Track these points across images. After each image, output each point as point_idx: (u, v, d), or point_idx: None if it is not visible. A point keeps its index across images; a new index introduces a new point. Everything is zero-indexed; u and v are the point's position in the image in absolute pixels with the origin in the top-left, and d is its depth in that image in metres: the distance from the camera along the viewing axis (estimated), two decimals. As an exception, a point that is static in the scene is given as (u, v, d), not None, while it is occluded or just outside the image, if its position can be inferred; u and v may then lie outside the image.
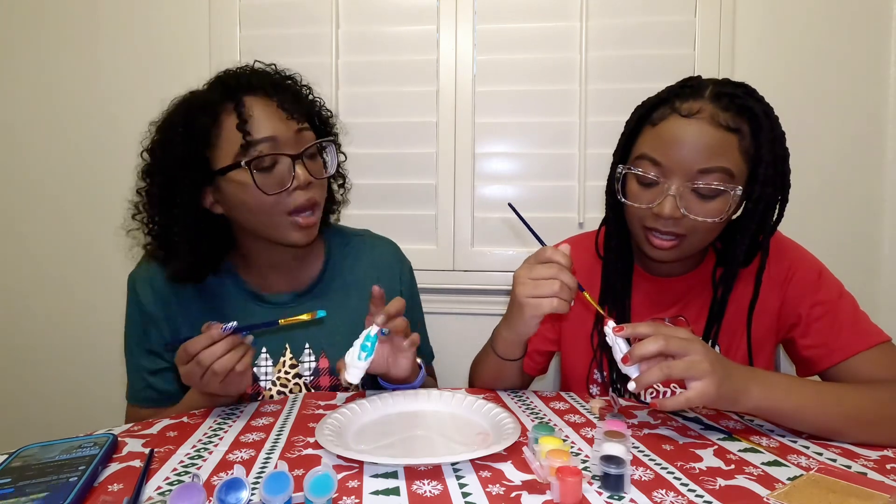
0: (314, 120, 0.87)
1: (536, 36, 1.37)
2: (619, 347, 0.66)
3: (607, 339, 0.68)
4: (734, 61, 1.32)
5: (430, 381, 1.01)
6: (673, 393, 0.85)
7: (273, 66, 0.87)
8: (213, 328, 0.68)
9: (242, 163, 0.75)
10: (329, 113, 0.92)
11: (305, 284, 0.91)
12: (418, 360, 0.83)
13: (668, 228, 0.76)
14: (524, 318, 0.74)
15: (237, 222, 0.84)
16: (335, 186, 0.97)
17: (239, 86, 0.78)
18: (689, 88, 0.76)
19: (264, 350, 0.87)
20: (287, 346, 0.88)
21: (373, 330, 0.72)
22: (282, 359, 0.87)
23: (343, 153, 0.95)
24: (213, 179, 0.79)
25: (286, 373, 0.87)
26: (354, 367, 0.71)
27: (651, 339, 0.63)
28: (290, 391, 0.87)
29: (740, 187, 0.74)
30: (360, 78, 1.42)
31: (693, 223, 0.75)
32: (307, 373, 0.88)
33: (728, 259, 0.81)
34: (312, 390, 0.87)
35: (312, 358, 0.88)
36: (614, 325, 0.67)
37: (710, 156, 0.72)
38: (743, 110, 0.73)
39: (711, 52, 1.32)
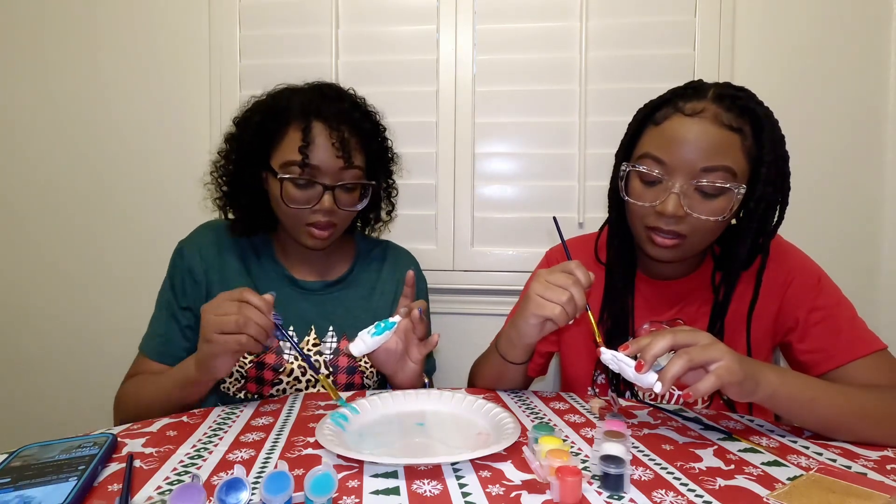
0: (371, 157, 0.94)
1: (536, 36, 1.37)
2: (627, 363, 0.64)
3: (610, 365, 0.66)
4: (734, 61, 1.32)
5: None
6: (672, 398, 0.85)
7: (352, 93, 0.96)
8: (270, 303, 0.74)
9: (278, 176, 0.86)
10: (392, 154, 1.01)
11: (335, 276, 1.00)
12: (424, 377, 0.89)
13: (670, 227, 0.76)
14: (526, 313, 0.74)
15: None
16: (383, 214, 1.06)
17: (312, 110, 0.87)
18: (692, 90, 0.77)
19: (291, 329, 0.94)
20: (312, 327, 0.96)
21: (393, 318, 0.80)
22: (306, 338, 0.95)
23: (395, 188, 1.05)
24: (268, 169, 0.91)
25: (308, 350, 0.94)
26: (362, 340, 0.78)
27: (657, 338, 0.62)
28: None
29: (744, 185, 0.74)
30: (360, 78, 1.41)
31: (695, 222, 0.75)
32: (328, 352, 0.95)
33: (730, 261, 0.81)
34: (330, 369, 0.94)
35: (334, 339, 0.96)
36: (612, 351, 0.65)
37: (713, 154, 0.73)
38: (745, 111, 0.74)
39: (711, 52, 1.32)
